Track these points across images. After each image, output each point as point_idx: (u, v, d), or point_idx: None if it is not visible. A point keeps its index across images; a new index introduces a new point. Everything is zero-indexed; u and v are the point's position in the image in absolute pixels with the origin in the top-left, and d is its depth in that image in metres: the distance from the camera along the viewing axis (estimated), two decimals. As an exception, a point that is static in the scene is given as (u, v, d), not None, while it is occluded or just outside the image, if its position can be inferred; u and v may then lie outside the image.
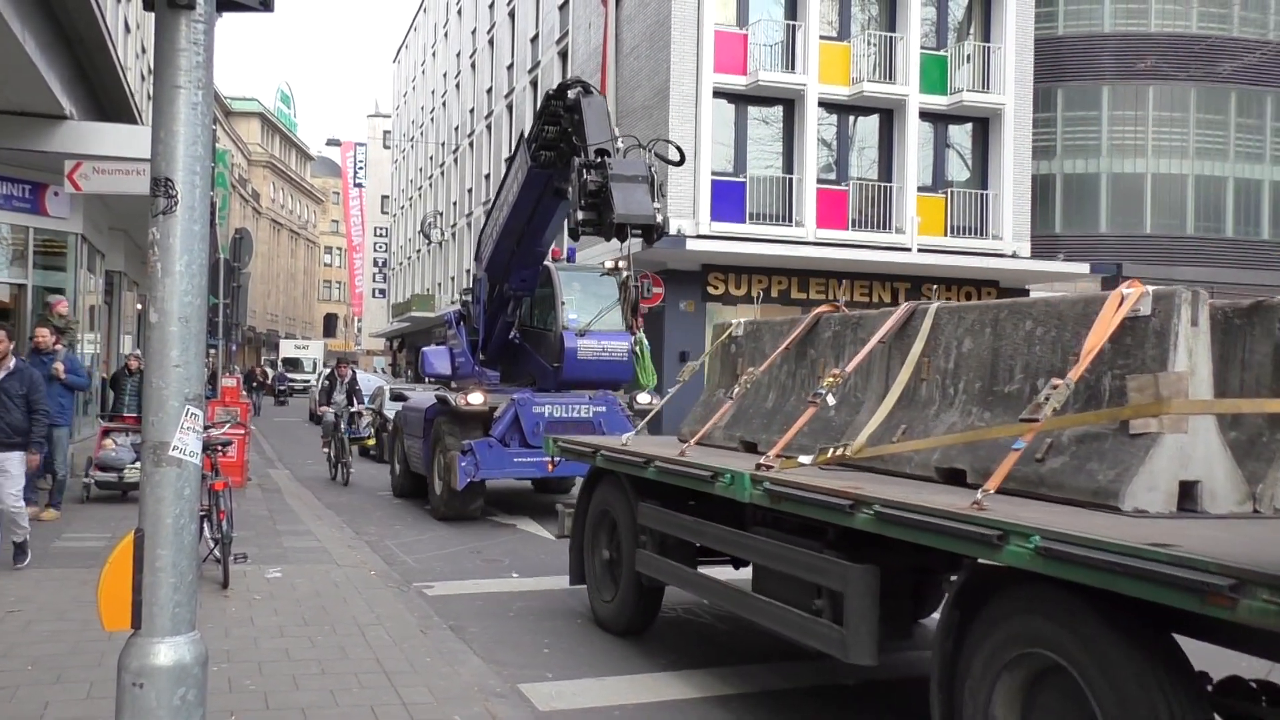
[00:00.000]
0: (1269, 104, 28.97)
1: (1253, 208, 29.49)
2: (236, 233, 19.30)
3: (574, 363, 12.68)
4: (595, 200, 8.72)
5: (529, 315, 14.01)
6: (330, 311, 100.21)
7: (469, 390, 12.81)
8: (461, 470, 12.06)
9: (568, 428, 12.13)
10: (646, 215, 8.64)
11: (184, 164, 3.45)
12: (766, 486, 5.17)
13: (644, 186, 8.81)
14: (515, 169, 11.91)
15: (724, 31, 24.29)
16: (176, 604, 3.47)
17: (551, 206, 11.58)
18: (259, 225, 74.51)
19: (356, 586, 8.38)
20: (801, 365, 6.66)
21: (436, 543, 11.46)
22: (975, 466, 4.73)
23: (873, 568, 4.80)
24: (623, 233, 8.61)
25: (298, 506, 13.22)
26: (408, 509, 14.18)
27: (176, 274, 3.46)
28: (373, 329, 75.94)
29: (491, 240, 13.02)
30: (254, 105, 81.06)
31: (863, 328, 6.11)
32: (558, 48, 33.15)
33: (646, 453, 6.66)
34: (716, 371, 7.81)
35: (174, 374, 3.46)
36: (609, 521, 7.57)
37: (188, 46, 3.45)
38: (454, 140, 49.21)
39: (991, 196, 26.03)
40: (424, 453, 13.79)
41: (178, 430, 3.46)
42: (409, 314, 52.22)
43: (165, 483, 3.46)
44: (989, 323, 5.11)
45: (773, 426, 6.45)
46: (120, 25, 20.39)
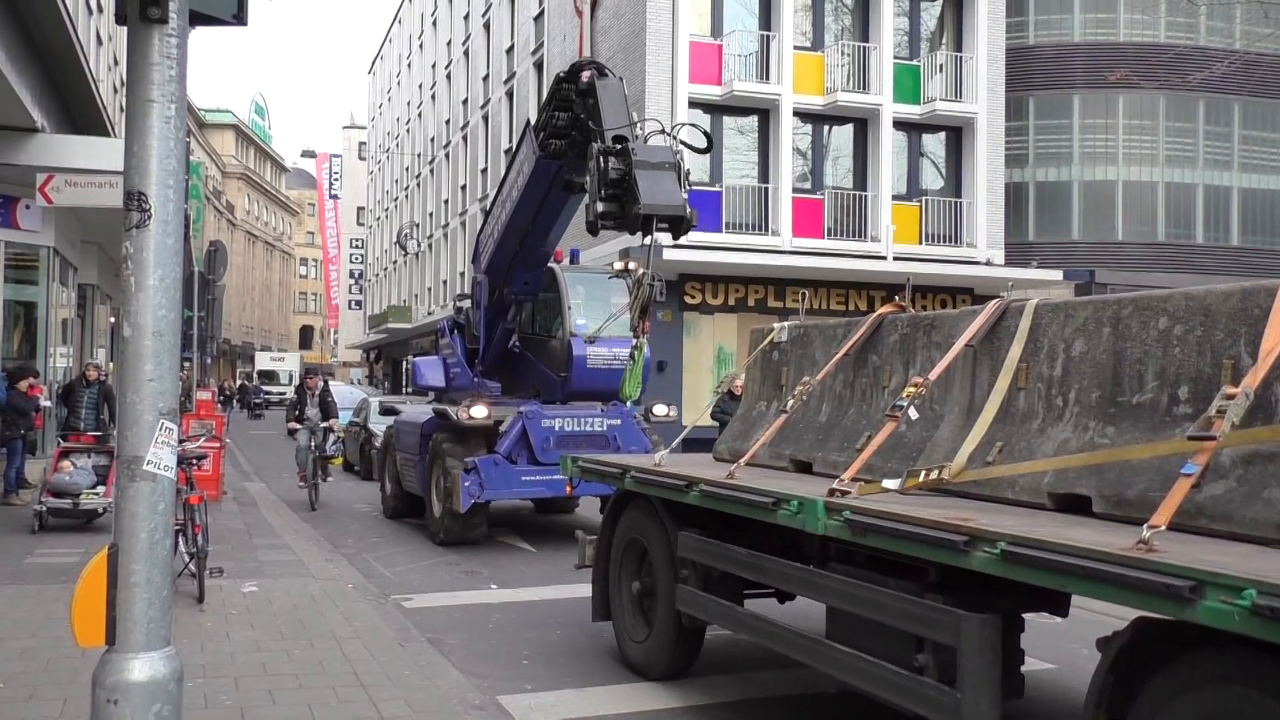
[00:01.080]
0: (1236, 112, 29.36)
1: (1221, 214, 29.85)
2: (211, 245, 19.20)
3: (583, 372, 11.78)
4: (617, 190, 8.00)
5: (530, 321, 13.11)
6: (306, 323, 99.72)
7: (471, 403, 11.76)
8: (465, 491, 10.99)
9: (580, 443, 11.21)
10: (676, 205, 7.89)
11: (157, 178, 3.45)
12: (848, 516, 4.39)
13: (671, 174, 8.07)
14: (520, 161, 11.08)
15: (699, 42, 24.40)
16: (151, 619, 3.45)
17: (560, 201, 10.93)
18: (234, 237, 74.09)
19: (334, 600, 8.33)
20: (861, 373, 5.91)
21: (414, 555, 11.41)
22: (1104, 493, 4.05)
23: (994, 618, 4.01)
24: (648, 225, 7.86)
25: (274, 520, 13.14)
26: (385, 522, 14.12)
27: (150, 288, 3.45)
28: (349, 341, 75.63)
29: (492, 240, 12.14)
30: (228, 117, 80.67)
31: (938, 329, 5.38)
32: (533, 59, 33.19)
33: (689, 474, 5.82)
34: (756, 382, 7.05)
35: (148, 388, 3.45)
36: (638, 551, 6.78)
37: (160, 60, 3.44)
38: (430, 151, 49.13)
39: (965, 205, 26.22)
40: (420, 471, 12.80)
41: (152, 445, 3.44)
42: (386, 325, 52.05)
43: (139, 497, 3.44)
44: (1108, 321, 4.36)
45: (829, 443, 5.82)
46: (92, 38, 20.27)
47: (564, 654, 7.27)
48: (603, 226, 8.11)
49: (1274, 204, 30.21)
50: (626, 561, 6.93)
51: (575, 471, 7.44)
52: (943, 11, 26.97)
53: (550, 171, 10.46)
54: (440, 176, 46.89)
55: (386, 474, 14.88)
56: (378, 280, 64.44)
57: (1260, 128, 29.83)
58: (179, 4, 3.47)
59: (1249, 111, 29.29)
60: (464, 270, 41.55)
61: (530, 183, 10.73)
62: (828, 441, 5.86)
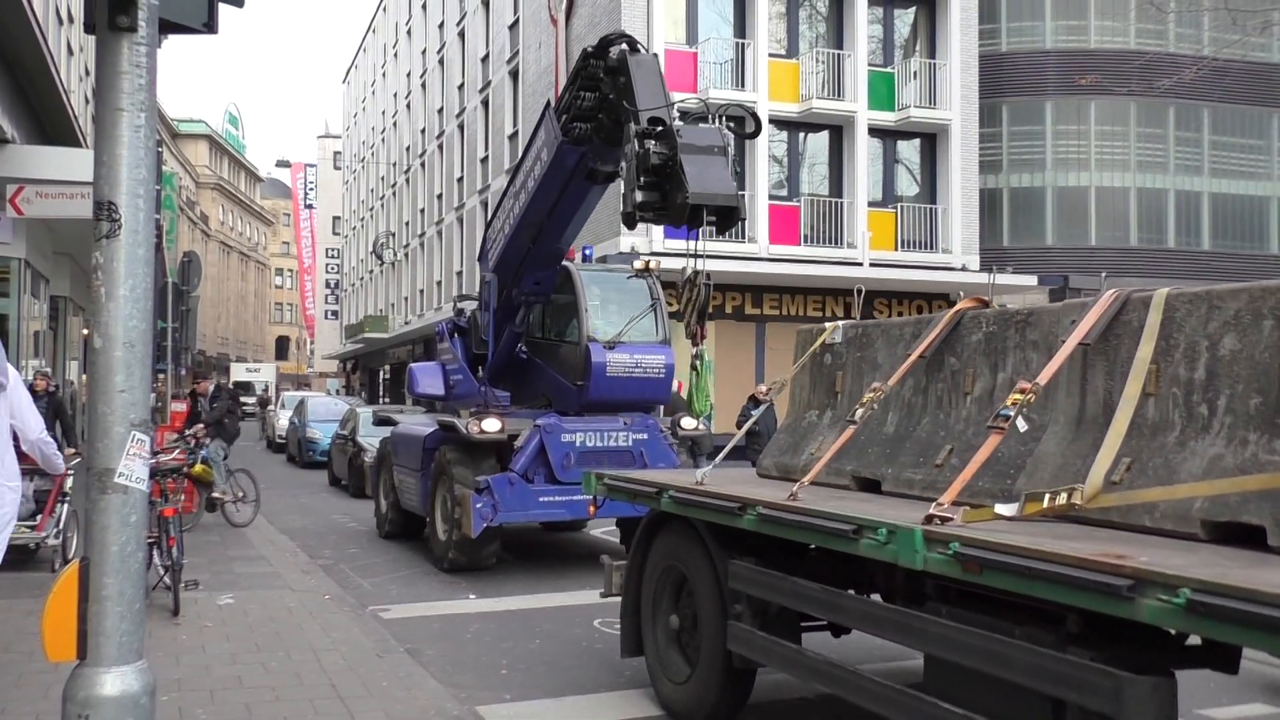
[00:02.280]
0: (1205, 118, 29.70)
1: (1193, 219, 30.18)
2: (185, 256, 19.06)
3: (602, 380, 10.65)
4: (658, 178, 7.27)
5: (540, 325, 12.03)
6: (282, 334, 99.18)
7: (482, 415, 10.61)
8: (477, 514, 9.87)
9: (602, 459, 10.12)
10: (728, 194, 7.17)
11: (127, 187, 3.43)
12: (958, 550, 3.66)
13: (721, 160, 7.33)
14: (538, 148, 10.07)
15: (674, 50, 24.47)
16: (124, 633, 3.42)
17: (580, 192, 10.02)
18: (208, 248, 73.65)
19: (311, 611, 8.28)
20: (937, 378, 5.18)
21: (392, 565, 11.35)
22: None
23: (1168, 682, 3.33)
24: (697, 217, 7.11)
25: (250, 531, 13.04)
26: (363, 533, 14.03)
27: (121, 298, 3.43)
28: (326, 351, 75.25)
29: (503, 235, 11.07)
30: (201, 127, 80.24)
31: (1034, 327, 4.69)
32: (508, 67, 33.18)
33: (741, 495, 5.09)
34: (806, 388, 6.30)
35: (119, 399, 3.43)
36: (676, 580, 6.05)
37: (130, 69, 3.43)
38: (405, 160, 49.01)
39: (940, 211, 26.40)
40: (422, 489, 11.65)
41: (123, 456, 3.42)
42: (362, 335, 51.84)
43: (110, 509, 3.42)
44: (1269, 313, 3.64)
45: (900, 457, 5.13)
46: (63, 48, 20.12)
47: (542, 664, 7.24)
48: (641, 218, 7.44)
49: (1244, 209, 30.57)
50: (662, 592, 6.16)
51: (600, 490, 6.67)
52: (916, 19, 27.17)
53: (572, 159, 9.55)
54: (416, 185, 46.78)
55: (381, 490, 13.77)
56: (354, 290, 64.18)
57: (1229, 133, 30.19)
58: (148, 12, 3.46)
59: (1218, 117, 29.65)
60: (440, 279, 41.45)
61: (549, 171, 9.79)
62: (897, 456, 5.17)
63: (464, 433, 10.50)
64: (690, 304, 7.13)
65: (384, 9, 55.61)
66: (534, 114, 30.73)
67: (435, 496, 11.10)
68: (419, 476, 11.80)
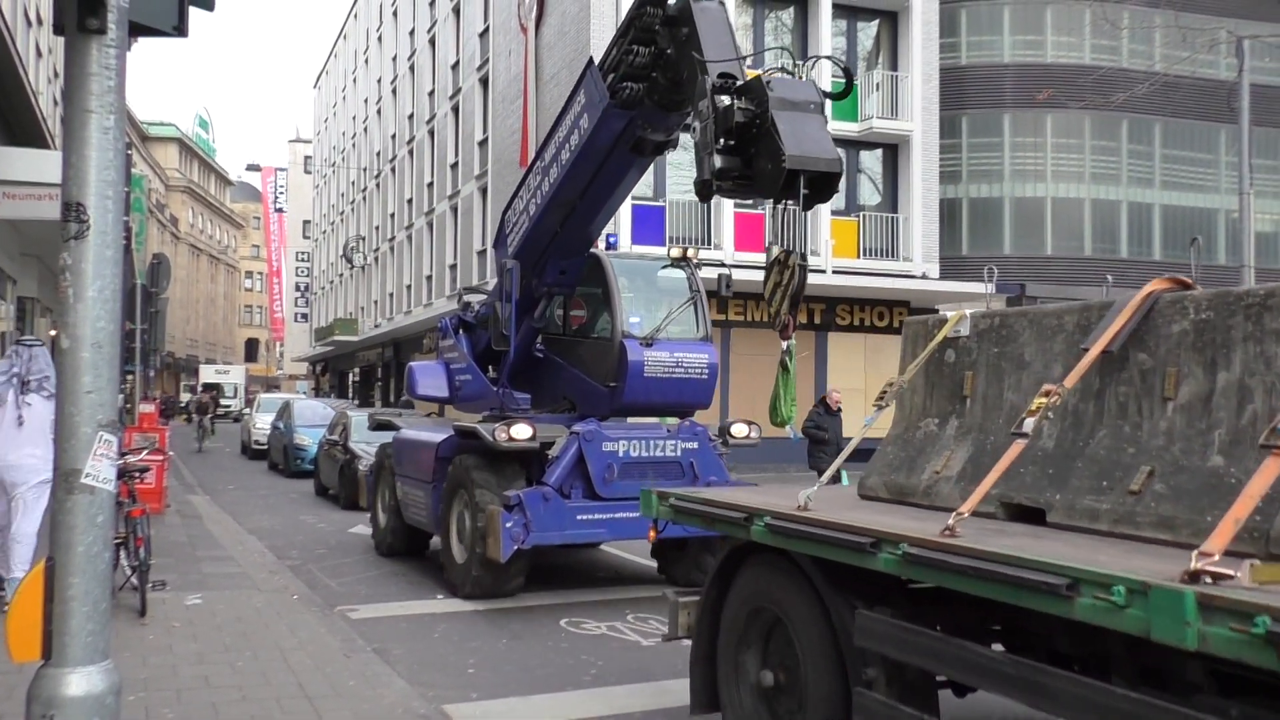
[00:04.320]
0: (1157, 131, 30.17)
1: (1145, 230, 30.65)
2: (154, 258, 18.82)
3: (639, 381, 9.32)
4: (739, 140, 6.21)
5: (562, 319, 10.69)
6: (252, 336, 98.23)
7: (511, 420, 9.27)
8: (506, 534, 8.37)
9: (647, 471, 9.04)
10: (830, 157, 6.13)
11: (96, 189, 3.39)
12: (1272, 628, 2.49)
13: (818, 118, 6.30)
14: (577, 113, 8.69)
15: (642, 59, 24.48)
16: (89, 633, 3.38)
17: (623, 166, 8.78)
18: (178, 250, 72.83)
19: (279, 611, 8.20)
20: (1117, 380, 4.08)
21: (360, 566, 11.27)
22: None
23: None
24: (791, 185, 6.03)
25: (218, 532, 12.91)
26: (333, 533, 13.90)
27: (89, 299, 3.39)
28: (295, 353, 74.67)
29: (527, 217, 9.73)
30: (171, 130, 79.34)
31: (1274, 312, 3.52)
32: (478, 75, 33.10)
33: (870, 526, 3.99)
34: (920, 392, 5.14)
35: (86, 400, 3.39)
36: (767, 625, 4.89)
37: (99, 71, 3.39)
38: (376, 165, 48.75)
39: (901, 220, 26.60)
40: (433, 504, 10.17)
41: (90, 457, 3.38)
42: (332, 338, 51.47)
43: (77, 510, 3.37)
44: None
45: (1071, 480, 4.05)
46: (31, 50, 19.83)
47: (509, 663, 7.22)
48: (719, 189, 6.34)
49: (1193, 220, 31.05)
50: (748, 639, 4.99)
51: (664, 512, 5.53)
52: (879, 32, 27.38)
53: (618, 125, 8.28)
54: (386, 191, 46.54)
55: (380, 503, 12.18)
56: (324, 293, 63.73)
57: (1179, 147, 30.68)
58: (117, 14, 3.42)
59: (1169, 131, 30.11)
60: (410, 283, 41.25)
61: (589, 140, 8.49)
62: (1066, 478, 4.09)
63: (490, 440, 8.99)
64: (780, 288, 6.08)
65: (355, 15, 55.32)
66: (504, 121, 30.76)
67: (450, 512, 9.68)
68: (429, 489, 10.37)
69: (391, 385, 45.98)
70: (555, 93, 26.20)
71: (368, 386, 51.03)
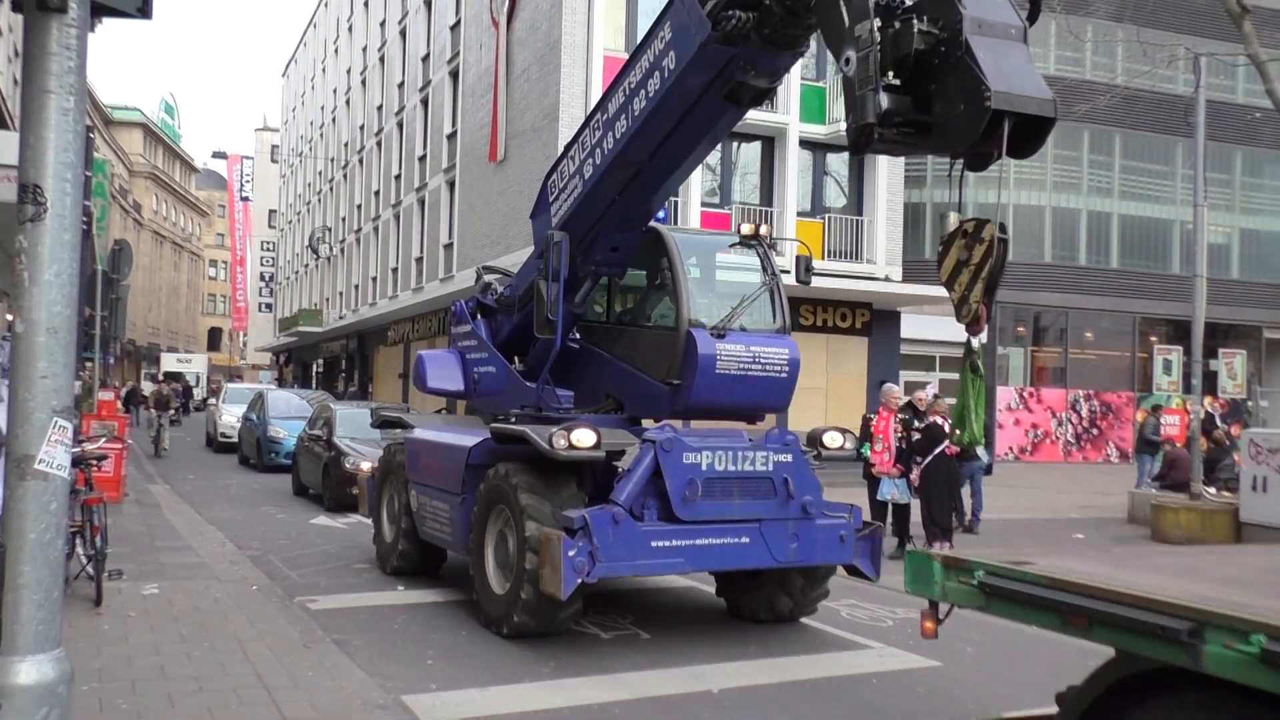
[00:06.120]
0: (1117, 143, 30.59)
1: (1103, 238, 31.07)
2: (115, 244, 18.53)
3: (710, 379, 7.72)
4: (911, 74, 4.93)
5: (606, 306, 9.19)
6: (215, 325, 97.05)
7: (571, 425, 7.57)
8: (569, 565, 6.78)
9: (733, 489, 7.49)
10: (1045, 96, 4.87)
11: (54, 170, 3.33)
12: None
13: (1022, 48, 5.04)
14: (657, 53, 7.12)
15: (612, 56, 24.44)
16: (40, 621, 3.32)
17: (710, 120, 7.30)
18: (140, 237, 71.77)
19: (237, 602, 8.11)
20: None
21: (321, 557, 11.16)
22: None
23: None
24: (994, 132, 4.76)
25: (177, 522, 12.74)
26: (295, 524, 13.74)
27: (45, 283, 3.32)
28: (259, 343, 73.90)
29: (580, 181, 8.18)
30: (136, 115, 78.12)
31: None
32: (449, 67, 32.89)
33: None
34: None
35: (40, 385, 3.32)
36: None
37: (59, 50, 3.32)
38: (344, 156, 48.32)
39: (866, 222, 26.75)
40: (460, 520, 8.50)
41: (44, 443, 3.31)
42: (296, 329, 50.98)
43: (29, 497, 3.31)
44: None
45: None
46: (-5, 29, 19.44)
47: (468, 655, 7.18)
48: (881, 138, 4.99)
49: (1150, 230, 31.53)
50: None
51: (961, 592, 3.68)
52: (847, 36, 27.48)
53: (715, 66, 6.76)
54: (354, 181, 46.15)
55: (385, 513, 10.43)
56: (288, 284, 63.10)
57: (1138, 158, 31.14)
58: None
59: (1129, 143, 30.54)
60: (376, 275, 40.94)
61: (676, 84, 6.95)
62: None
63: (544, 448, 7.30)
64: (968, 268, 4.98)
65: (325, 4, 54.78)
66: (473, 115, 30.58)
67: (486, 533, 8.02)
68: (454, 501, 8.69)
69: (355, 376, 45.68)
70: (525, 88, 26.09)
71: (331, 378, 50.64)
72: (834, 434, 8.36)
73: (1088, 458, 30.49)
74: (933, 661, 7.27)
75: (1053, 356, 31.08)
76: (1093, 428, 30.79)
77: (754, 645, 7.66)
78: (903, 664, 7.24)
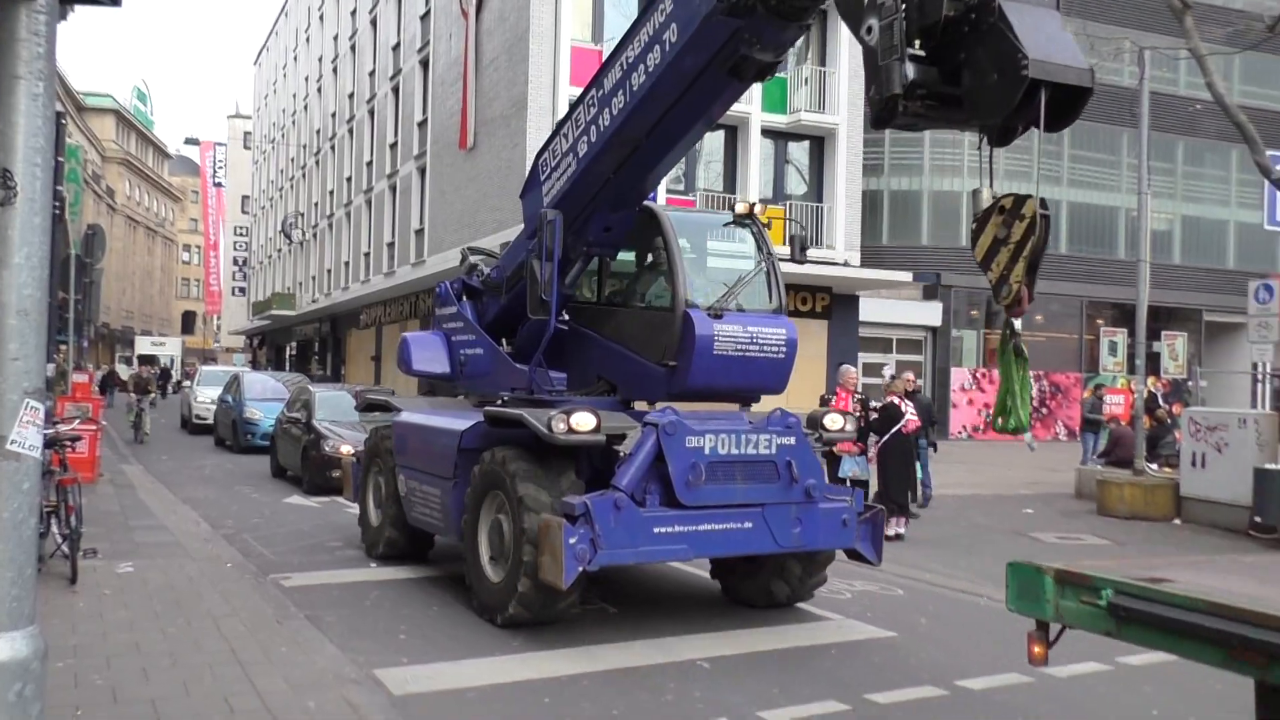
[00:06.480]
0: (1065, 133, 30.82)
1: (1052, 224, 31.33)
2: (89, 229, 18.23)
3: (707, 359, 7.36)
4: (940, 45, 4.69)
5: (597, 286, 8.71)
6: (189, 309, 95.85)
7: (571, 408, 7.19)
8: (570, 553, 6.44)
9: (736, 473, 7.14)
10: (1083, 66, 4.65)
11: (24, 155, 3.27)
12: None
13: (1054, 16, 4.81)
14: (657, 26, 6.72)
15: (580, 47, 24.33)
16: (15, 598, 3.28)
17: (710, 95, 6.90)
18: (114, 222, 70.61)
19: (211, 579, 8.05)
20: None
21: (295, 536, 11.09)
22: None
23: None
24: (1029, 103, 4.56)
25: (151, 501, 12.61)
26: (269, 503, 13.62)
27: (15, 266, 3.27)
28: (232, 326, 73.10)
29: (574, 160, 7.77)
30: (109, 101, 76.77)
31: None
32: (419, 56, 32.57)
33: None
34: None
35: (11, 367, 3.27)
36: None
37: (28, 37, 3.26)
38: (316, 143, 47.78)
39: (826, 209, 26.85)
40: (452, 506, 8.12)
41: (16, 424, 3.27)
42: (269, 312, 50.49)
43: (2, 476, 3.26)
44: None
45: None
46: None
47: (439, 629, 7.18)
48: (906, 111, 4.74)
49: (1097, 217, 31.92)
50: None
51: (1080, 614, 3.25)
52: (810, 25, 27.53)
53: (719, 39, 6.39)
54: (326, 168, 45.66)
55: (371, 497, 10.03)
56: (261, 268, 62.42)
57: (1086, 149, 31.48)
58: (49, -20, 3.29)
59: (1077, 133, 30.84)
60: (348, 260, 40.59)
61: (678, 59, 6.57)
62: None
63: (543, 432, 6.93)
64: (1007, 246, 4.78)
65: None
66: (444, 103, 30.33)
67: (480, 519, 7.65)
68: (445, 486, 8.32)
69: (328, 359, 45.32)
70: (494, 76, 25.90)
71: (305, 360, 50.20)
72: (835, 416, 8.10)
73: (1037, 436, 30.87)
74: (889, 632, 7.36)
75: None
76: (1042, 407, 31.19)
77: (720, 619, 7.71)
78: (860, 635, 7.33)
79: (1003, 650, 6.82)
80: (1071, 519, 13.89)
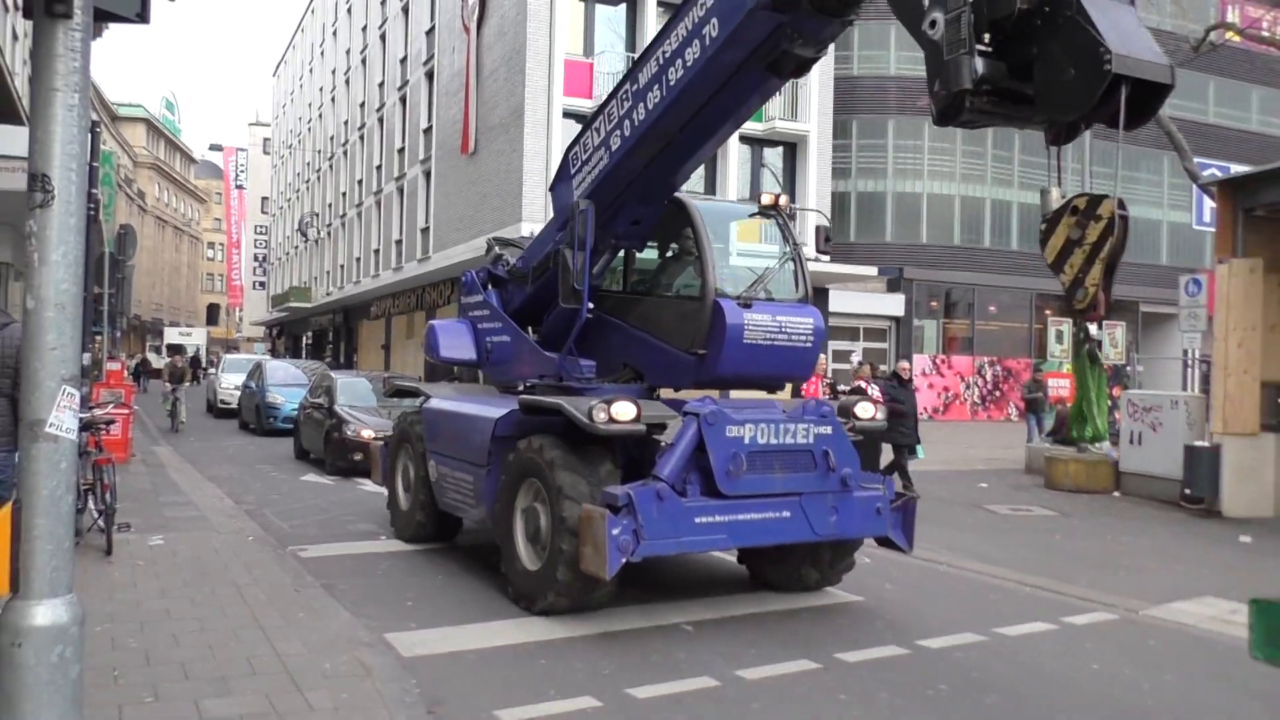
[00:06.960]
0: (1016, 139, 30.93)
1: (1005, 223, 31.49)
2: (121, 228, 18.11)
3: (736, 348, 6.93)
4: (1009, 39, 4.23)
5: (623, 275, 8.29)
6: (213, 301, 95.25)
7: (611, 397, 6.54)
8: (613, 544, 5.94)
9: (774, 462, 6.65)
10: (1163, 63, 4.21)
11: (60, 161, 3.25)
12: None
13: (1132, 11, 4.32)
14: (696, 21, 6.17)
15: (573, 60, 24.24)
16: (54, 569, 3.27)
17: (747, 91, 6.43)
18: (144, 222, 70.05)
19: (235, 551, 8.03)
20: None
21: (312, 510, 11.06)
22: None
23: None
24: (1110, 99, 4.06)
25: (179, 479, 12.56)
26: (287, 481, 13.58)
27: (53, 263, 3.25)
28: (253, 318, 72.72)
29: (607, 153, 7.23)
30: (140, 111, 76.10)
31: None
32: (424, 69, 32.38)
33: None
34: None
35: (50, 356, 3.25)
36: None
37: (65, 53, 3.23)
38: (329, 149, 47.50)
39: (798, 210, 26.85)
40: (487, 493, 7.51)
41: (54, 409, 3.25)
42: (287, 304, 50.31)
43: (41, 457, 3.25)
44: None
45: None
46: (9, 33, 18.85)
47: (445, 597, 7.18)
48: (972, 108, 4.26)
49: (1045, 216, 31.94)
50: None
51: None
52: (782, 44, 27.46)
53: (762, 33, 5.89)
54: (339, 171, 45.41)
55: (399, 481, 9.46)
56: (280, 264, 62.09)
57: (1035, 153, 31.46)
58: (83, 1, 3.26)
59: (1026, 138, 30.89)
60: (360, 256, 40.39)
61: (718, 54, 6.07)
62: None
63: (583, 421, 6.40)
64: (1082, 249, 4.35)
65: (312, 10, 53.61)
66: (447, 111, 30.15)
67: (515, 507, 7.03)
68: (479, 474, 7.71)
69: (341, 347, 45.16)
70: (494, 88, 25.77)
71: (319, 349, 50.02)
72: (865, 405, 7.57)
73: (991, 416, 31.06)
74: (856, 597, 7.40)
75: (962, 328, 31.53)
76: (996, 390, 31.34)
77: (705, 587, 7.73)
78: (830, 600, 7.36)
79: (960, 612, 6.87)
80: (1021, 492, 13.96)
